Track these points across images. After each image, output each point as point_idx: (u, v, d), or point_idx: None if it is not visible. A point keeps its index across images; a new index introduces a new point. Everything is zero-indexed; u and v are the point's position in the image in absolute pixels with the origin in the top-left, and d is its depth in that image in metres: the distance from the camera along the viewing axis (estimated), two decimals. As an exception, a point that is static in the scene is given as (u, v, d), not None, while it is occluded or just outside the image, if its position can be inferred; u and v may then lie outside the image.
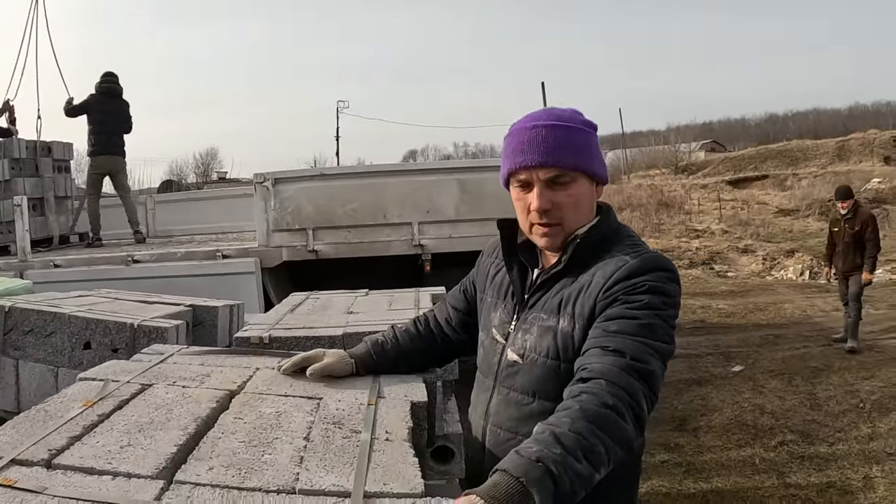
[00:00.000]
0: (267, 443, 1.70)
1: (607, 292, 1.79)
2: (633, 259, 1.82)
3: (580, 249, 1.90)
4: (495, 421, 1.99)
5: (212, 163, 60.47)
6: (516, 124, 1.97)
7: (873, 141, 42.55)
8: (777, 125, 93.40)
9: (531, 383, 1.90)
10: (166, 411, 1.91)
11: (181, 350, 2.72)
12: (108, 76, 9.76)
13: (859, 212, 9.60)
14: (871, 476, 5.53)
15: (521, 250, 2.05)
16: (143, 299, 4.51)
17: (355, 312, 3.75)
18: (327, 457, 1.62)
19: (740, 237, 23.84)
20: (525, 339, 1.93)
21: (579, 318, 1.82)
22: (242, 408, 1.96)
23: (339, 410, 1.94)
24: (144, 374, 2.28)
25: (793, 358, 9.12)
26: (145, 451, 1.63)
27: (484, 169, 7.82)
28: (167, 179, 34.41)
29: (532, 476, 1.36)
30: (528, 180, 1.90)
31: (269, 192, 7.16)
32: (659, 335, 1.72)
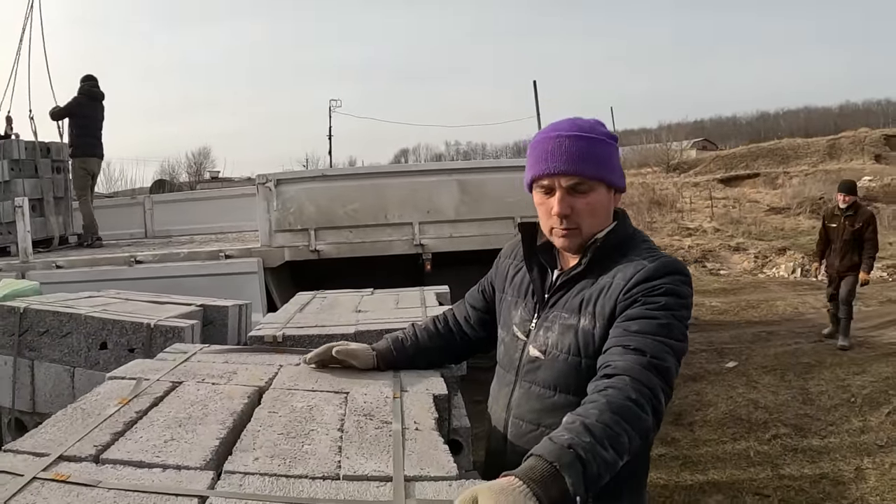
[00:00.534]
0: (304, 434, 1.81)
1: (627, 294, 1.91)
2: (651, 263, 1.95)
3: (599, 252, 2.02)
4: (517, 413, 2.09)
5: (204, 162, 60.31)
6: (541, 133, 2.10)
7: (864, 139, 42.69)
8: (768, 123, 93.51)
9: (553, 378, 2.01)
10: (202, 407, 2.01)
11: (203, 349, 2.83)
12: (90, 79, 9.87)
13: (861, 210, 9.39)
14: (863, 468, 5.64)
15: (541, 252, 2.16)
16: (154, 299, 4.60)
17: (364, 311, 3.84)
18: (364, 446, 1.74)
19: (732, 235, 23.92)
20: (547, 336, 2.03)
21: (600, 317, 1.94)
22: (274, 402, 2.06)
23: (366, 403, 2.05)
24: (173, 373, 2.38)
25: (785, 354, 9.21)
26: (190, 445, 1.73)
27: (483, 170, 7.93)
28: (159, 179, 34.45)
29: (564, 461, 1.48)
30: (551, 186, 2.01)
31: (271, 192, 7.24)
32: (675, 334, 1.85)
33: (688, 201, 32.58)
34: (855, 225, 9.14)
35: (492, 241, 7.30)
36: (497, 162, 10.52)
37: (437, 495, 1.50)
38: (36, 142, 9.94)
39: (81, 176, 9.74)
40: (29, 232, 7.87)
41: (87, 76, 9.88)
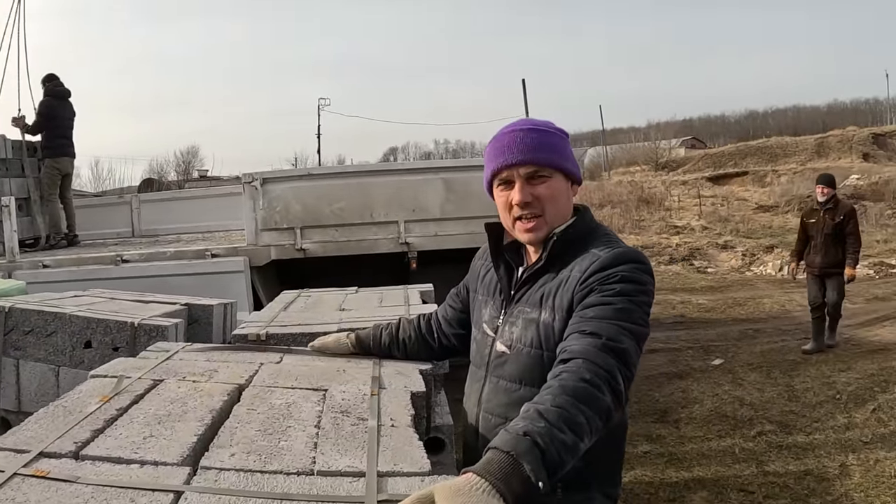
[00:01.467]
0: (281, 431, 1.83)
1: (583, 284, 1.94)
2: (607, 253, 1.97)
3: (558, 246, 2.06)
4: (487, 408, 2.13)
5: (193, 161, 60.07)
6: (496, 134, 2.17)
7: (852, 138, 42.89)
8: (757, 122, 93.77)
9: (518, 371, 2.05)
10: (181, 404, 2.03)
11: (185, 347, 2.85)
12: (53, 79, 9.88)
13: (841, 203, 9.24)
14: (848, 464, 5.67)
15: (507, 250, 2.21)
16: (140, 298, 4.61)
17: (347, 309, 3.87)
18: (339, 442, 1.76)
19: (720, 233, 23.98)
20: (511, 331, 2.09)
21: (559, 309, 1.97)
22: (253, 400, 2.09)
23: (344, 400, 2.08)
24: (154, 371, 2.40)
25: (771, 351, 9.29)
26: (168, 441, 1.75)
27: (469, 168, 7.94)
28: (147, 178, 34.32)
29: (520, 448, 1.46)
30: (510, 178, 2.08)
31: (257, 191, 7.25)
32: (632, 318, 1.86)
33: (676, 199, 32.64)
34: (836, 219, 8.89)
35: (477, 240, 7.13)
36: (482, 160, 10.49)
37: (409, 490, 1.51)
38: (23, 140, 9.90)
39: (53, 175, 9.71)
40: (15, 231, 7.84)
41: (50, 76, 9.89)
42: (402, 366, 2.50)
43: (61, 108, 9.77)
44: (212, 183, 27.60)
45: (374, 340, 2.66)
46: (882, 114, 78.49)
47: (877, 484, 5.33)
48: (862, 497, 5.16)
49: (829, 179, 9.35)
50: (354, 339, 2.69)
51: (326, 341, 2.72)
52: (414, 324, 2.65)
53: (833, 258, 8.92)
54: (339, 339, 2.72)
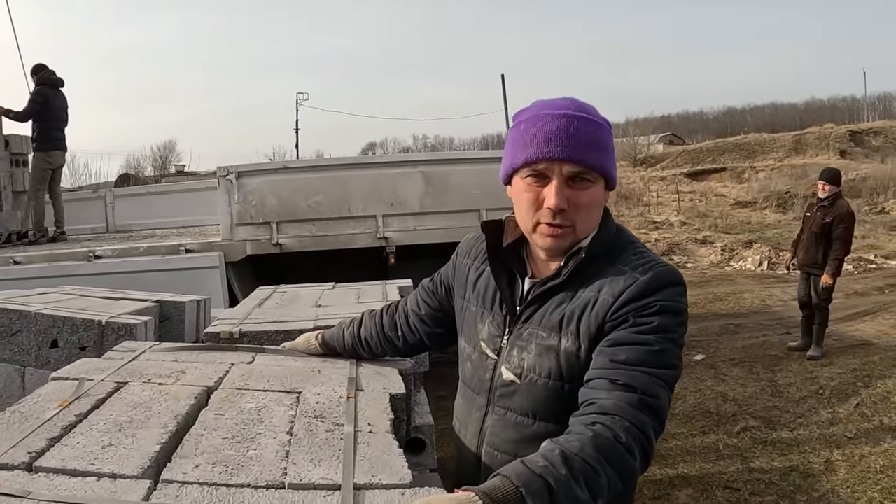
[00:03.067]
0: (251, 438, 1.71)
1: (617, 313, 1.68)
2: (644, 276, 1.70)
3: (583, 263, 1.76)
4: (491, 442, 1.88)
5: (170, 155, 59.79)
6: (539, 109, 1.78)
7: (829, 135, 43.31)
8: (735, 119, 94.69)
9: (532, 404, 1.79)
10: (145, 409, 1.90)
11: (152, 346, 2.71)
12: (45, 68, 9.53)
13: (837, 203, 8.40)
14: (833, 459, 5.62)
15: (508, 256, 1.91)
16: (110, 295, 4.47)
17: (324, 306, 3.77)
18: (313, 450, 1.64)
19: (699, 228, 24.04)
20: (522, 357, 1.80)
21: (585, 337, 1.71)
22: (222, 404, 1.96)
23: (319, 404, 1.95)
24: (118, 372, 2.27)
25: (753, 346, 9.23)
26: (128, 451, 1.62)
27: (448, 162, 7.84)
28: (124, 173, 34.06)
29: (532, 488, 1.34)
30: (547, 173, 1.71)
31: (232, 185, 7.10)
32: (668, 361, 1.64)
33: (655, 195, 32.76)
34: (825, 218, 8.30)
35: (456, 234, 7.08)
36: (462, 153, 10.45)
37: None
38: None
39: (43, 170, 9.43)
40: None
41: (41, 65, 9.55)
42: (380, 366, 2.37)
43: (55, 97, 9.41)
44: (189, 178, 27.33)
45: (338, 341, 2.43)
46: (859, 111, 79.48)
47: (863, 479, 5.28)
48: (848, 493, 5.11)
49: (830, 175, 8.65)
50: (321, 340, 2.48)
51: (297, 343, 2.56)
52: (376, 320, 2.36)
53: (812, 257, 8.49)
54: (308, 340, 2.52)
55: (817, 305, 8.57)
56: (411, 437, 2.49)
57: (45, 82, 9.39)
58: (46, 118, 9.30)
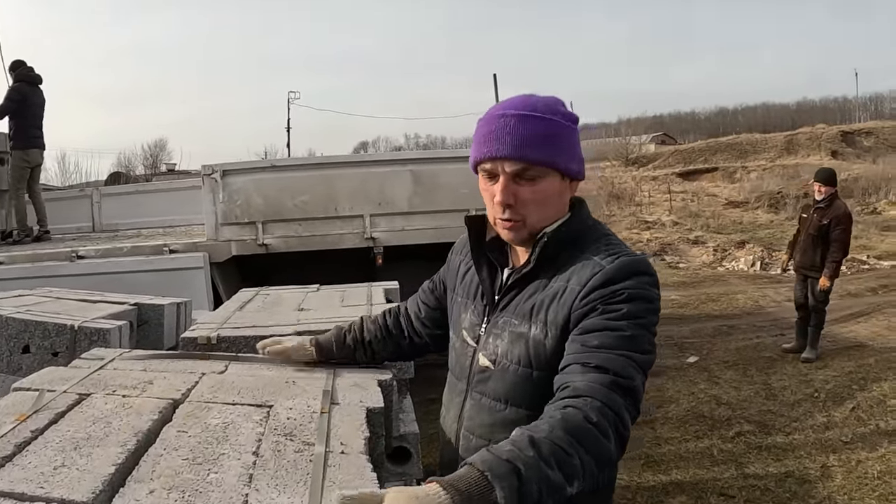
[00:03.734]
0: (213, 459, 1.57)
1: (584, 300, 1.71)
2: (611, 264, 1.73)
3: (549, 247, 1.81)
4: (468, 426, 1.93)
5: (160, 154, 59.48)
6: (488, 111, 1.87)
7: (821, 135, 43.48)
8: (727, 119, 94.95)
9: (503, 390, 1.83)
10: (104, 425, 1.77)
11: (122, 354, 2.57)
12: (23, 64, 9.34)
13: (835, 204, 8.31)
14: (829, 465, 5.54)
15: (490, 249, 1.96)
16: (87, 298, 4.33)
17: (306, 309, 3.65)
18: (279, 474, 1.50)
19: (691, 228, 24.00)
20: (496, 344, 1.86)
21: (552, 325, 1.75)
22: (186, 419, 1.82)
23: (290, 420, 1.82)
24: (83, 383, 2.13)
25: (746, 348, 9.16)
26: (81, 473, 1.49)
27: (437, 160, 7.73)
28: (115, 172, 33.99)
29: (498, 471, 1.29)
30: (494, 171, 1.80)
31: (217, 184, 6.97)
32: (641, 346, 1.64)
33: (646, 195, 32.76)
34: (823, 220, 8.24)
35: (445, 235, 7.11)
36: (451, 152, 10.31)
37: (359, 537, 1.26)
38: None
39: (22, 168, 9.25)
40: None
41: (19, 61, 9.36)
42: (359, 376, 2.24)
43: (33, 94, 9.24)
44: (179, 177, 27.20)
45: (338, 345, 2.36)
46: (851, 112, 79.79)
47: (860, 486, 5.20)
48: (845, 500, 5.04)
49: (825, 177, 8.53)
50: (316, 346, 2.37)
51: (287, 347, 2.38)
52: (379, 322, 2.36)
53: (810, 259, 8.42)
54: (303, 346, 2.37)
55: (814, 307, 8.47)
56: (396, 447, 2.38)
57: (23, 79, 9.22)
58: (24, 116, 9.13)
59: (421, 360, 2.73)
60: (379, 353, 2.37)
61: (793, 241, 9.11)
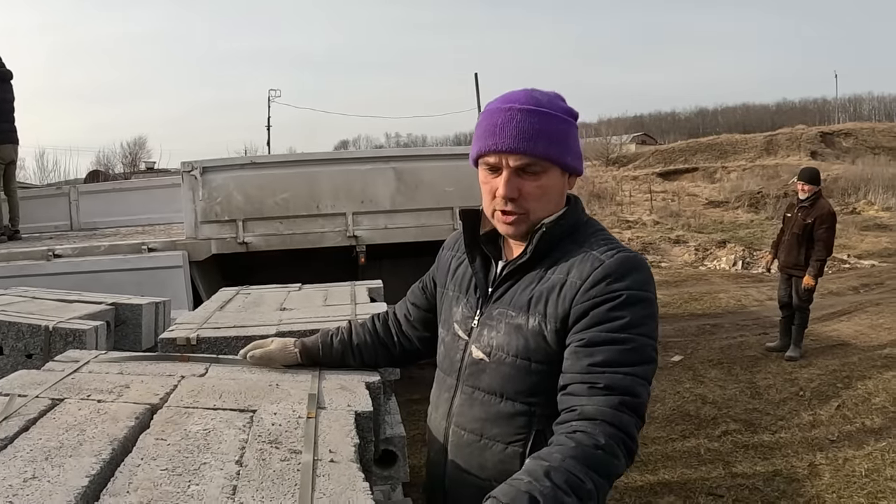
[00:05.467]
0: (193, 470, 1.47)
1: (585, 294, 1.73)
2: (610, 258, 1.76)
3: (545, 240, 1.83)
4: (459, 422, 1.92)
5: (140, 152, 58.95)
6: (492, 103, 1.87)
7: (800, 136, 43.75)
8: (707, 119, 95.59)
9: (499, 383, 1.83)
10: (78, 433, 1.67)
11: (98, 356, 2.47)
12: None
13: (818, 203, 8.34)
14: (816, 463, 5.52)
15: (484, 242, 1.97)
16: (63, 298, 4.22)
17: (288, 309, 3.56)
18: (264, 485, 1.41)
19: (672, 228, 24.05)
20: (491, 336, 1.86)
21: (552, 318, 1.76)
22: (165, 426, 1.73)
23: (275, 426, 1.73)
24: (56, 387, 2.03)
25: (731, 347, 9.14)
26: (52, 486, 1.39)
27: (420, 158, 7.64)
28: (94, 170, 33.58)
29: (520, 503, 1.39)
30: (497, 165, 1.81)
31: (196, 181, 6.85)
32: (645, 356, 1.70)
33: (627, 194, 32.85)
34: (807, 219, 8.25)
35: (429, 233, 7.07)
36: (435, 149, 10.26)
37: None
38: None
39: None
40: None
41: None
42: (345, 378, 2.15)
43: (4, 90, 8.96)
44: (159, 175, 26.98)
45: (325, 349, 2.30)
46: (830, 113, 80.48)
47: (848, 484, 5.18)
48: (834, 498, 5.01)
49: (809, 176, 8.54)
50: (301, 349, 2.30)
51: (271, 350, 2.30)
52: (368, 327, 2.32)
53: (794, 259, 8.43)
54: (286, 347, 2.30)
55: (798, 306, 8.47)
56: (382, 450, 2.30)
57: None
58: None
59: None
60: (369, 359, 2.31)
61: (777, 240, 9.09)
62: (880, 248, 19.24)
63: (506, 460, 1.81)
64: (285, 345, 2.31)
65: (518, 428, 1.81)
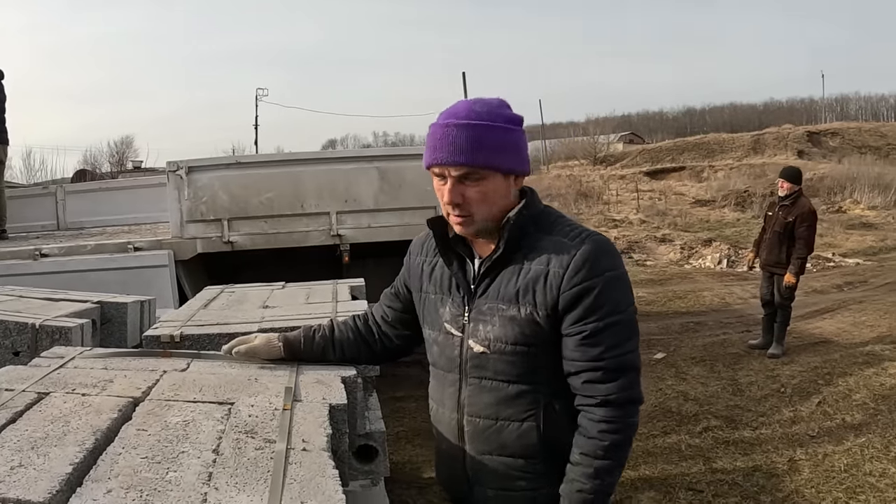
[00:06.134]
0: (172, 458, 1.55)
1: (570, 282, 1.92)
2: (582, 244, 1.95)
3: (514, 231, 1.99)
4: (471, 411, 2.09)
5: (127, 151, 58.79)
6: (437, 119, 2.04)
7: (787, 135, 43.93)
8: (695, 118, 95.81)
9: (506, 369, 2.01)
10: (63, 424, 1.74)
11: (83, 353, 2.53)
12: None
13: (799, 202, 8.36)
14: (796, 459, 5.56)
15: (455, 244, 2.12)
16: (49, 296, 4.26)
17: (271, 307, 3.62)
18: (238, 472, 1.48)
19: (658, 227, 24.15)
20: (487, 329, 2.02)
21: (542, 306, 1.95)
22: (147, 417, 1.80)
23: (251, 417, 1.80)
24: (42, 382, 2.10)
25: (713, 344, 9.19)
26: (38, 473, 1.46)
27: (404, 157, 7.68)
28: (81, 169, 33.46)
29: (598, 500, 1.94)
30: (443, 174, 1.99)
31: (182, 180, 6.89)
32: (632, 327, 1.98)
33: (614, 193, 32.94)
34: (788, 218, 8.27)
35: (412, 232, 6.93)
36: (417, 149, 10.28)
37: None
38: None
39: None
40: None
41: None
42: (322, 373, 2.23)
43: None
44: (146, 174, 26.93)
45: (306, 344, 2.41)
46: (817, 113, 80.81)
47: (827, 479, 5.22)
48: (813, 493, 5.04)
49: (790, 174, 8.61)
50: (284, 343, 2.41)
51: (255, 345, 2.40)
52: (350, 325, 2.45)
53: (776, 257, 8.48)
54: (270, 342, 2.42)
55: (780, 304, 8.52)
56: (362, 445, 2.36)
57: None
58: None
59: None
60: (350, 354, 2.42)
61: (758, 238, 9.15)
62: (865, 246, 19.38)
63: (523, 435, 2.01)
64: (269, 339, 2.42)
65: (528, 405, 2.00)
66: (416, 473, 5.41)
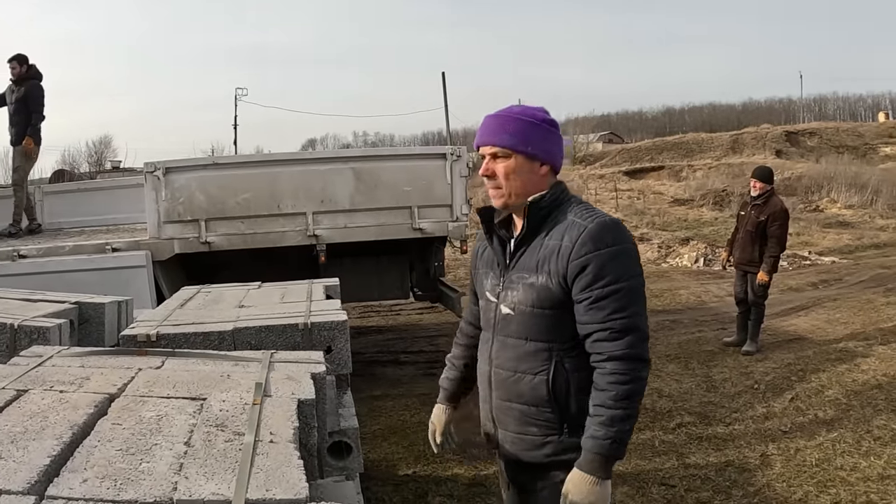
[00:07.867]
0: (145, 450, 1.62)
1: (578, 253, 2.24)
2: (592, 223, 2.27)
3: (534, 214, 2.36)
4: (498, 363, 2.45)
5: (106, 151, 58.45)
6: None
7: (766, 135, 44.07)
8: (674, 118, 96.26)
9: (524, 329, 2.36)
10: (41, 419, 1.80)
11: (61, 352, 2.59)
12: None
13: (771, 201, 8.48)
14: (768, 454, 5.63)
15: (498, 228, 2.48)
16: (28, 297, 4.30)
17: (247, 306, 3.67)
18: (208, 462, 1.55)
19: (636, 226, 24.15)
20: (514, 295, 2.38)
21: (555, 275, 2.28)
22: (122, 412, 1.86)
23: (222, 412, 1.87)
24: (21, 379, 2.16)
25: (688, 342, 9.28)
26: (17, 465, 1.53)
27: (379, 158, 7.74)
28: (59, 169, 33.25)
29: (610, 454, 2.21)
30: (483, 154, 2.42)
31: (159, 181, 6.92)
32: (640, 291, 2.29)
33: (593, 193, 32.94)
34: (760, 217, 8.36)
35: (388, 232, 7.22)
36: (393, 150, 10.33)
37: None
38: None
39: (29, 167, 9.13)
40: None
41: None
42: (293, 369, 2.30)
43: None
44: (124, 174, 26.77)
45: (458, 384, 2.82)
46: (795, 113, 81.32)
47: (798, 473, 5.29)
48: (784, 487, 5.11)
49: (762, 174, 8.72)
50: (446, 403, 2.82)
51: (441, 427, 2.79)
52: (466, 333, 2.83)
53: (749, 255, 8.58)
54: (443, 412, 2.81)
55: (753, 302, 8.61)
56: (335, 441, 2.42)
57: None
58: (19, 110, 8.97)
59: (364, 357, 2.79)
60: None
61: (732, 238, 9.24)
62: (841, 244, 19.52)
63: (536, 387, 2.34)
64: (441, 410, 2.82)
65: (542, 362, 2.33)
66: (392, 471, 5.46)
